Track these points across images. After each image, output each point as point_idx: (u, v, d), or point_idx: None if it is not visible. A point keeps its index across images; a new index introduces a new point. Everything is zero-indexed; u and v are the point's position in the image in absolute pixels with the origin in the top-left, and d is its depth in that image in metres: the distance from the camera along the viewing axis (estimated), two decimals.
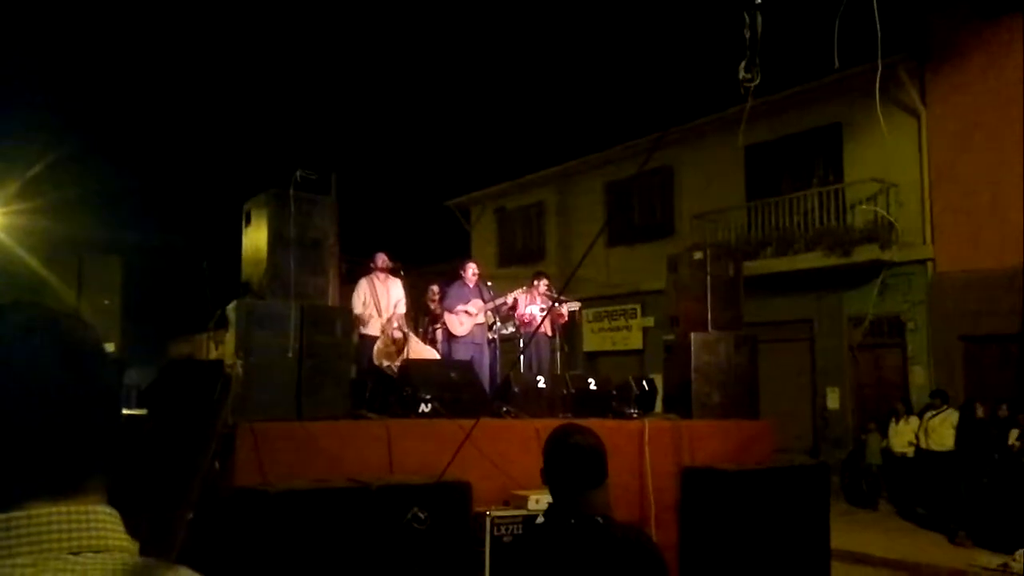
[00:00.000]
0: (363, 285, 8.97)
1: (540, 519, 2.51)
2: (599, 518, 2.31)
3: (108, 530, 0.82)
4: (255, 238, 6.36)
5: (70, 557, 0.77)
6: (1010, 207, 12.58)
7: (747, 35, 3.98)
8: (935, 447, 12.04)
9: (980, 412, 11.40)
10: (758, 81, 4.06)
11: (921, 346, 13.77)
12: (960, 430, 11.41)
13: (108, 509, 0.85)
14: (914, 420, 12.56)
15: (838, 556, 8.31)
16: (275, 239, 6.11)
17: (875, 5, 4.38)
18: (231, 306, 5.96)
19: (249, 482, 4.94)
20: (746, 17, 4.00)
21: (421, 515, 4.71)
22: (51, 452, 0.81)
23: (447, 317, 9.50)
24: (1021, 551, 9.29)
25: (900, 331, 14.04)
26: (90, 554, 0.79)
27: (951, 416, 11.92)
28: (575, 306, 10.33)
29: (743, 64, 4.07)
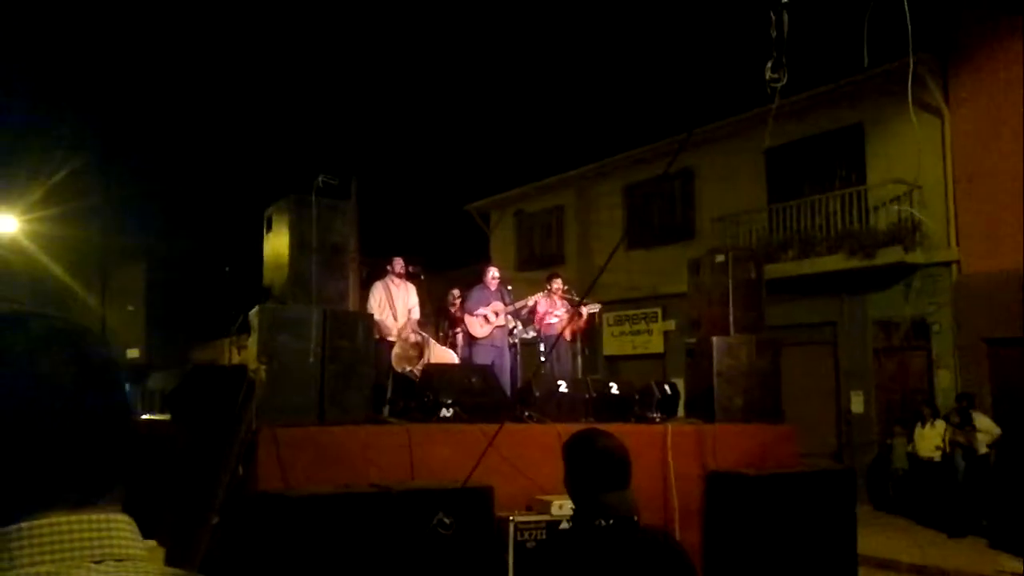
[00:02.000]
0: (378, 288, 8.98)
1: (565, 526, 2.49)
2: (630, 519, 2.29)
3: (128, 539, 0.83)
4: (276, 244, 6.38)
5: (92, 566, 0.77)
6: None
7: (773, 35, 3.94)
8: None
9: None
10: (785, 81, 4.03)
11: (946, 349, 13.61)
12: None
13: (126, 517, 0.85)
14: (940, 424, 12.41)
15: (864, 562, 8.22)
16: (297, 244, 6.13)
17: (906, 6, 4.33)
18: (253, 311, 5.99)
19: (271, 487, 4.95)
20: (772, 16, 3.96)
21: (447, 520, 4.70)
22: (72, 462, 0.82)
23: (467, 319, 9.50)
24: None
25: (925, 334, 13.88)
26: (112, 562, 0.79)
27: (978, 420, 11.77)
28: (595, 308, 10.30)
29: (770, 64, 4.03)
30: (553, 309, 9.78)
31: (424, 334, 8.96)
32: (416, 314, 9.04)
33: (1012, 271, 12.53)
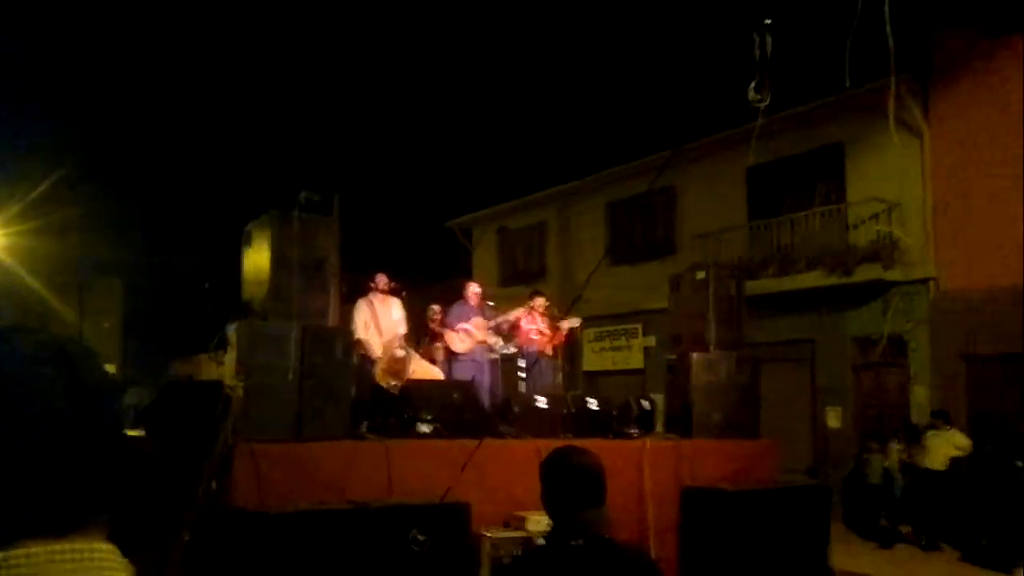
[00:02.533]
0: (363, 306, 8.97)
1: (540, 542, 2.51)
2: (607, 537, 2.31)
3: (111, 568, 0.80)
4: (257, 259, 6.39)
5: None
6: (1012, 226, 12.59)
7: (757, 56, 4.01)
8: (931, 466, 11.98)
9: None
10: (768, 102, 4.09)
11: (923, 365, 13.73)
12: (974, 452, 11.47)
13: (109, 546, 0.82)
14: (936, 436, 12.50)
15: None
16: (277, 260, 6.14)
17: (888, 27, 4.42)
18: (232, 327, 5.99)
19: (248, 503, 4.94)
20: (756, 38, 4.03)
21: (420, 537, 4.70)
22: (54, 488, 0.78)
23: (447, 335, 9.52)
24: (1020, 569, 9.24)
25: (902, 350, 14.00)
26: None
27: (953, 436, 11.87)
28: (576, 322, 10.34)
29: (753, 85, 4.10)
30: (534, 325, 9.81)
31: (409, 349, 8.96)
32: (402, 329, 9.04)
33: (988, 289, 12.68)
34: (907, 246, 13.88)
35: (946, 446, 11.82)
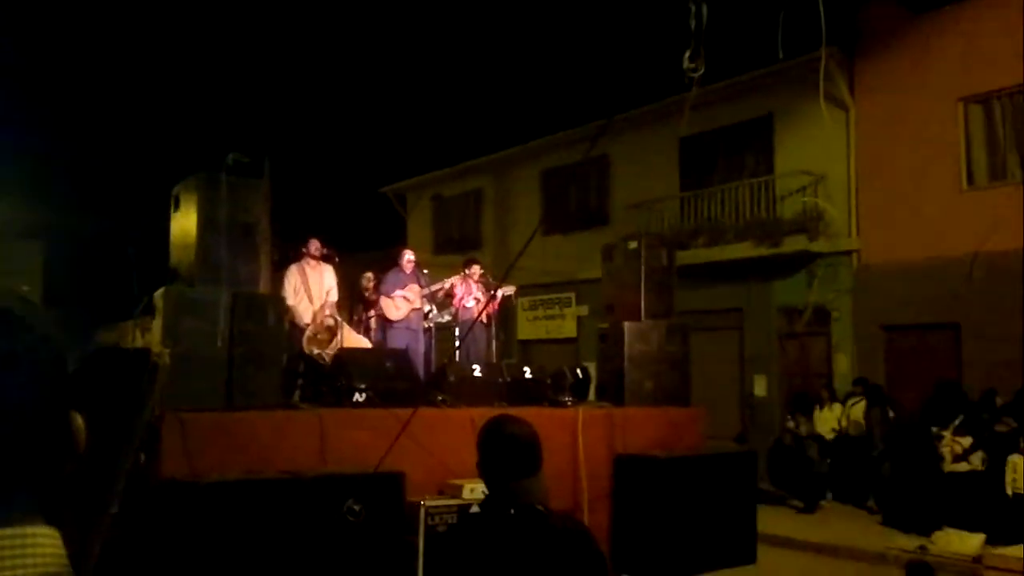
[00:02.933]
0: (293, 272, 8.82)
1: (475, 509, 2.52)
2: (538, 507, 2.33)
3: (51, 555, 0.75)
4: (184, 223, 6.20)
5: None
6: (932, 200, 13.01)
7: (692, 25, 4.01)
8: (854, 433, 12.44)
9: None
10: (703, 71, 4.10)
11: (845, 335, 14.17)
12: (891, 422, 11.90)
13: (48, 531, 0.77)
14: (837, 407, 12.93)
15: (764, 540, 8.52)
16: (205, 224, 5.97)
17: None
18: (159, 293, 5.82)
19: (176, 474, 4.83)
20: (692, 7, 4.02)
21: (356, 508, 4.68)
22: None
23: (383, 301, 9.43)
24: (938, 533, 9.66)
25: (826, 320, 14.42)
26: None
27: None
28: (510, 290, 10.36)
29: (688, 54, 4.10)
30: (469, 293, 9.79)
31: (338, 318, 8.85)
32: (333, 296, 8.92)
33: (908, 261, 13.11)
34: (832, 218, 14.24)
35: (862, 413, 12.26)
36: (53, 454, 0.76)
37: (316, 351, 8.22)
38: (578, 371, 8.40)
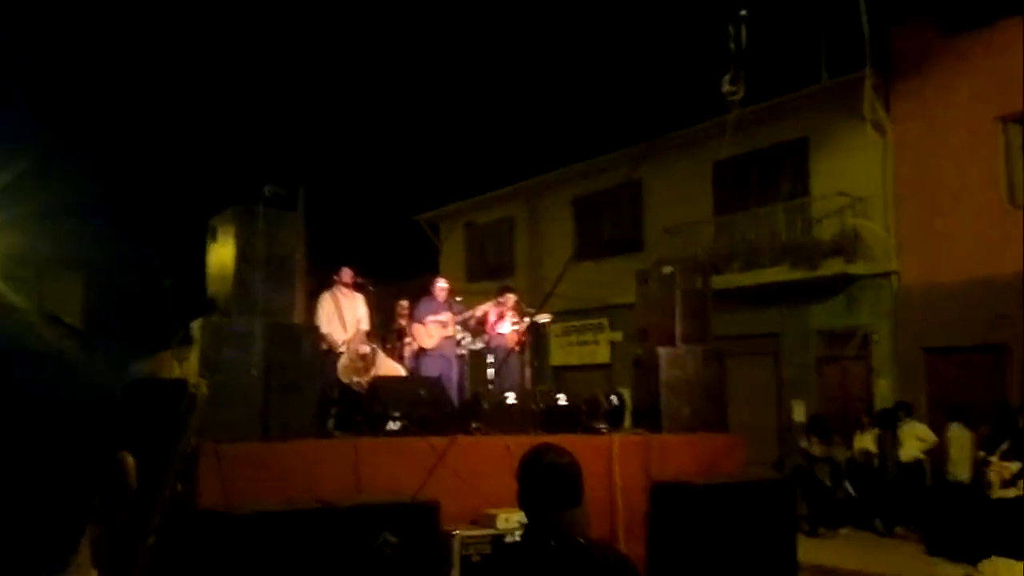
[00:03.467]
0: (327, 299, 8.88)
1: (511, 539, 2.49)
2: (580, 539, 2.29)
3: None
4: (221, 254, 6.28)
5: None
6: (973, 220, 12.80)
7: (732, 47, 4.00)
8: (900, 458, 12.18)
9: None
10: (742, 94, 4.09)
11: (885, 358, 13.92)
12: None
13: None
14: (875, 431, 12.70)
15: (804, 569, 8.34)
16: (241, 255, 6.04)
17: (864, 22, 4.44)
18: (196, 323, 5.88)
19: (213, 504, 4.86)
20: (731, 30, 4.02)
21: (391, 540, 4.66)
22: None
23: (416, 329, 9.45)
24: (985, 561, 9.39)
25: (865, 344, 14.18)
26: None
27: (915, 428, 12.07)
28: (545, 318, 10.32)
29: (727, 77, 4.08)
30: (503, 320, 9.77)
31: (372, 346, 8.88)
32: (365, 325, 8.96)
33: (949, 282, 12.89)
34: (870, 240, 14.05)
35: (909, 438, 12.01)
36: (109, 498, 0.75)
37: (354, 379, 8.24)
38: (613, 397, 8.34)
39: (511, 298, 9.91)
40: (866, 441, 12.69)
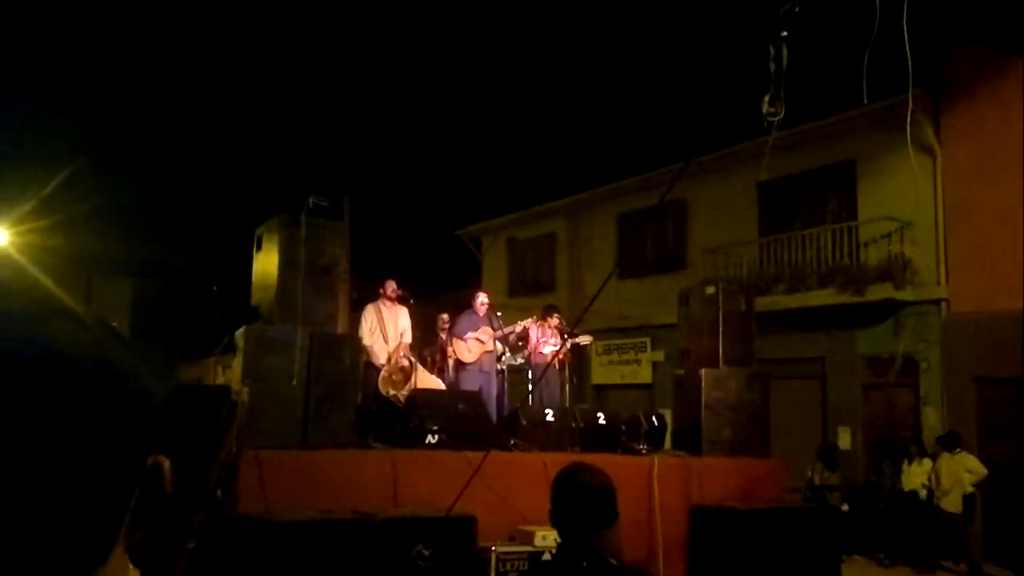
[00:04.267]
0: (370, 311, 8.92)
1: (547, 556, 2.45)
2: (612, 560, 2.25)
3: None
4: (266, 263, 6.35)
5: None
6: None
7: (772, 68, 3.94)
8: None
9: None
10: (782, 115, 4.02)
11: (934, 386, 13.60)
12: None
13: None
14: (927, 462, 12.38)
15: None
16: (285, 265, 6.10)
17: (907, 43, 4.35)
18: (240, 331, 5.94)
19: (252, 510, 4.88)
20: (771, 50, 3.96)
21: (425, 553, 4.63)
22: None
23: (455, 343, 9.45)
24: None
25: (913, 371, 13.88)
26: None
27: (964, 459, 11.75)
28: (587, 340, 10.25)
29: (767, 98, 4.02)
30: (545, 338, 9.74)
31: (412, 359, 8.89)
32: (408, 338, 8.98)
33: (1002, 311, 12.57)
34: (919, 265, 13.78)
35: (959, 470, 11.69)
36: (145, 503, 0.72)
37: (392, 392, 8.26)
38: (653, 418, 8.26)
39: (555, 319, 9.86)
40: (919, 474, 12.37)
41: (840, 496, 12.44)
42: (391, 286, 9.05)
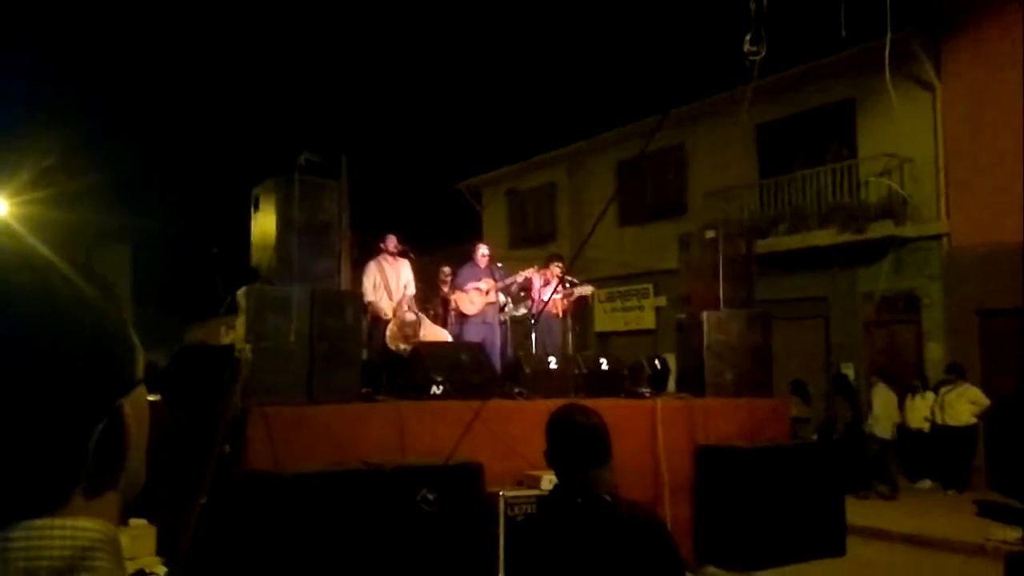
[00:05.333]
0: (372, 268, 8.96)
1: (547, 492, 2.52)
2: (606, 496, 2.31)
3: (78, 547, 0.68)
4: (263, 223, 6.36)
5: None
6: None
7: (752, 7, 3.92)
8: (951, 422, 11.99)
9: None
10: (764, 54, 3.99)
11: (936, 321, 13.66)
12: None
13: (92, 525, 0.70)
14: (930, 395, 12.50)
15: (853, 531, 8.28)
16: (283, 224, 6.11)
17: None
18: (241, 291, 5.97)
19: (261, 465, 4.96)
20: None
21: (430, 496, 4.72)
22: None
23: (457, 296, 9.49)
24: None
25: (915, 307, 13.93)
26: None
27: (967, 391, 11.86)
28: (588, 290, 10.28)
29: (748, 37, 4.00)
30: (547, 287, 9.77)
31: (418, 312, 8.95)
32: (411, 290, 9.03)
33: (1002, 243, 12.56)
34: (919, 202, 13.74)
35: (961, 401, 11.81)
36: (105, 447, 0.73)
37: (402, 346, 8.32)
38: (656, 363, 8.33)
39: (557, 269, 9.88)
40: (922, 407, 12.51)
41: (812, 428, 12.75)
42: (392, 241, 9.08)
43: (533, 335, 9.35)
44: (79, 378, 0.71)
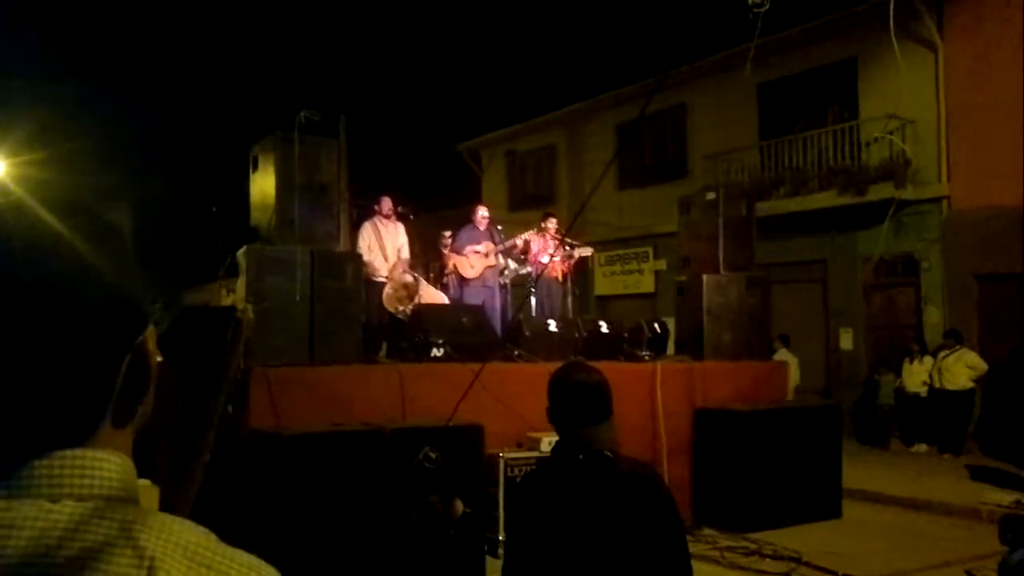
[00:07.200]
0: (367, 229, 8.92)
1: (547, 454, 2.53)
2: (607, 452, 2.33)
3: (100, 477, 0.73)
4: (262, 183, 6.33)
5: (46, 504, 0.69)
6: None
7: None
8: (949, 387, 12.05)
9: None
10: (768, 6, 3.94)
11: (935, 285, 13.66)
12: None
13: (108, 456, 0.74)
14: (928, 360, 12.55)
15: (850, 494, 8.36)
16: (282, 184, 6.08)
17: None
18: (241, 252, 5.96)
19: (263, 425, 4.99)
20: None
21: (432, 455, 4.75)
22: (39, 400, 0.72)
23: (457, 259, 9.48)
24: None
25: (914, 270, 13.92)
26: (70, 502, 0.70)
27: (965, 356, 11.90)
28: (588, 251, 10.27)
29: None
30: (546, 249, 9.76)
31: (415, 274, 8.94)
32: (405, 253, 9.01)
33: (1002, 207, 12.52)
34: (920, 164, 13.67)
35: (959, 366, 11.86)
36: (130, 383, 0.77)
37: (399, 308, 8.32)
38: (656, 325, 8.34)
39: (553, 224, 9.87)
40: (920, 371, 12.57)
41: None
42: (387, 203, 9.04)
43: (532, 299, 9.36)
44: (105, 319, 0.76)
